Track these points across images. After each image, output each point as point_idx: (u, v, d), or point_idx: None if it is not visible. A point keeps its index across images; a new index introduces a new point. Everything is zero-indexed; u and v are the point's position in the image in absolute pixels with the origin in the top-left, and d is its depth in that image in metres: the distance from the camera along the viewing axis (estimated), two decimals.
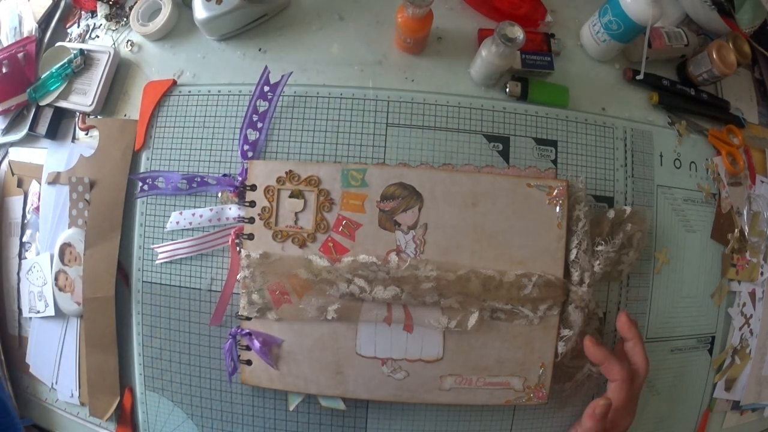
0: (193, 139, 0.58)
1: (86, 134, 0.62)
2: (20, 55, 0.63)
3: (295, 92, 0.57)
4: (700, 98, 0.63)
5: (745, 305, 0.64)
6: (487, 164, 0.56)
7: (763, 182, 0.66)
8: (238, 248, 0.54)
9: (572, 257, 0.53)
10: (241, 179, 0.55)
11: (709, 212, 0.62)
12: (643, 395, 0.54)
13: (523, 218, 0.53)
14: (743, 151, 0.64)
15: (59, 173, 0.62)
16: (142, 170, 0.58)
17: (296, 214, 0.53)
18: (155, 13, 0.61)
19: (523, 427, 0.57)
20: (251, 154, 0.56)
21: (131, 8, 0.62)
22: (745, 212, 0.64)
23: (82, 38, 0.65)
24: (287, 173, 0.53)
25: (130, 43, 0.62)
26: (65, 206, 0.61)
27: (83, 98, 0.60)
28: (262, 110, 0.56)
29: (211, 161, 0.57)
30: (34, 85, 0.62)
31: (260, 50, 0.59)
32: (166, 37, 0.61)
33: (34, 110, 0.63)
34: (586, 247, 0.53)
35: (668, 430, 0.62)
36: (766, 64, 0.70)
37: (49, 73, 0.62)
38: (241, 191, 0.55)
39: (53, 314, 0.62)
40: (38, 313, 0.63)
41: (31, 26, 0.67)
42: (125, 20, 0.63)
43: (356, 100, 0.57)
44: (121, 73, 0.62)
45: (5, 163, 0.68)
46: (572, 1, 0.63)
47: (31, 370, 0.65)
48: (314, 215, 0.53)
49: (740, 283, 0.63)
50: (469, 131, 0.57)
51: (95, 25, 0.65)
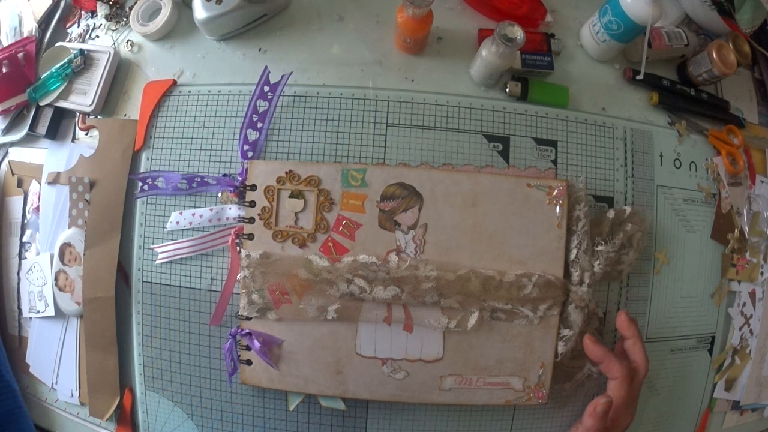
0: (193, 139, 0.58)
1: (86, 134, 0.62)
2: (20, 55, 0.63)
3: (295, 92, 0.57)
4: (700, 98, 0.63)
5: (745, 305, 0.64)
6: (487, 164, 0.56)
7: (763, 182, 0.66)
8: (238, 248, 0.54)
9: (572, 257, 0.53)
10: (241, 179, 0.55)
11: (709, 212, 0.62)
12: (643, 395, 0.54)
13: (523, 218, 0.53)
14: (743, 151, 0.64)
15: (59, 173, 0.62)
16: (142, 170, 0.58)
17: (296, 214, 0.53)
18: (155, 13, 0.61)
19: (523, 427, 0.57)
20: (251, 154, 0.56)
21: (131, 8, 0.62)
22: (745, 212, 0.64)
23: (82, 38, 0.65)
24: (287, 173, 0.53)
25: (130, 43, 0.62)
26: (65, 206, 0.61)
27: (83, 98, 0.60)
28: (262, 110, 0.56)
29: (211, 161, 0.57)
30: (34, 85, 0.62)
31: (260, 50, 0.59)
32: (166, 37, 0.61)
33: (34, 110, 0.63)
34: (586, 247, 0.53)
35: (668, 429, 0.62)
36: (766, 64, 0.70)
37: (49, 73, 0.62)
38: (241, 191, 0.55)
39: (53, 314, 0.62)
40: (38, 313, 0.63)
41: (31, 26, 0.67)
42: (125, 20, 0.63)
43: (356, 100, 0.57)
44: (121, 73, 0.62)
45: (5, 163, 0.68)
46: (572, 1, 0.63)
47: (31, 370, 0.65)
48: (314, 215, 0.53)
49: (740, 283, 0.63)
50: (469, 131, 0.57)
51: (95, 25, 0.65)
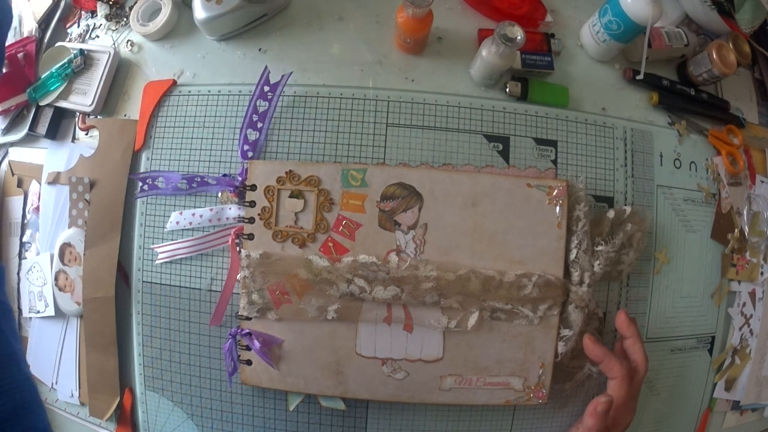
0: (193, 139, 0.58)
1: (86, 134, 0.62)
2: (20, 55, 0.63)
3: (295, 92, 0.57)
4: (700, 98, 0.63)
5: (745, 305, 0.63)
6: (487, 164, 0.56)
7: (763, 182, 0.66)
8: (238, 248, 0.54)
9: (572, 257, 0.53)
10: (241, 179, 0.55)
11: (709, 212, 0.62)
12: (643, 395, 0.54)
13: (523, 218, 0.53)
14: (743, 151, 0.64)
15: (59, 173, 0.62)
16: (142, 170, 0.58)
17: (296, 214, 0.53)
18: (155, 13, 0.61)
19: (523, 427, 0.57)
20: (251, 154, 0.56)
21: (131, 8, 0.62)
22: (745, 212, 0.64)
23: (82, 38, 0.65)
24: (287, 173, 0.53)
25: (130, 43, 0.62)
26: (65, 206, 0.61)
27: (83, 98, 0.60)
28: (262, 110, 0.56)
29: (211, 161, 0.57)
30: (34, 85, 0.62)
31: (260, 50, 0.59)
32: (166, 37, 0.61)
33: (34, 110, 0.63)
34: (586, 247, 0.53)
35: (668, 430, 0.62)
36: (766, 64, 0.70)
37: (49, 73, 0.62)
38: (241, 191, 0.55)
39: (53, 314, 0.62)
40: (38, 313, 0.63)
41: (31, 26, 0.67)
42: (125, 20, 0.63)
43: (356, 100, 0.57)
44: (121, 73, 0.62)
45: (5, 163, 0.68)
46: (572, 1, 0.63)
47: (31, 370, 0.65)
48: (314, 215, 0.53)
49: (740, 283, 0.63)
50: (469, 131, 0.57)
51: (95, 25, 0.65)
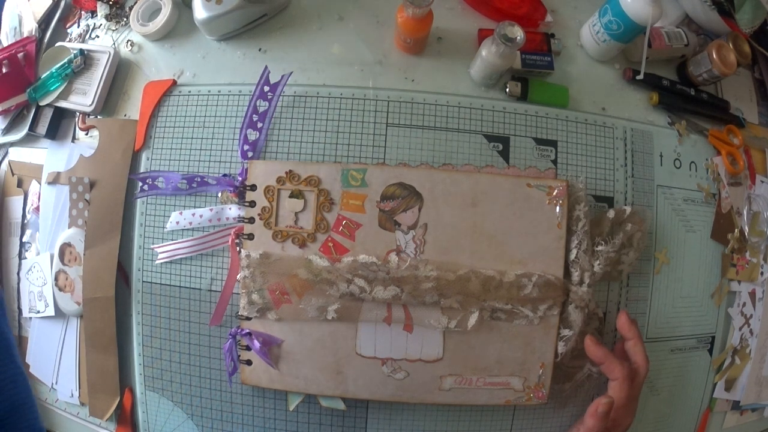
0: (193, 139, 0.58)
1: (86, 134, 0.62)
2: (20, 55, 0.63)
3: (295, 92, 0.57)
4: (700, 98, 0.63)
5: (745, 305, 0.63)
6: (487, 164, 0.56)
7: (763, 182, 0.66)
8: (238, 248, 0.54)
9: (572, 257, 0.53)
10: (241, 179, 0.55)
11: (709, 212, 0.62)
12: (643, 395, 0.54)
13: (523, 218, 0.53)
14: (743, 151, 0.64)
15: (59, 173, 0.62)
16: (142, 170, 0.58)
17: (296, 214, 0.53)
18: (155, 13, 0.61)
19: (523, 427, 0.57)
20: (251, 154, 0.56)
21: (131, 8, 0.62)
22: (745, 212, 0.64)
23: (82, 38, 0.65)
24: (287, 173, 0.53)
25: (130, 43, 0.62)
26: (65, 206, 0.61)
27: (83, 98, 0.60)
28: (262, 110, 0.56)
29: (211, 161, 0.57)
30: (34, 85, 0.62)
31: (260, 50, 0.59)
32: (166, 37, 0.61)
33: (34, 110, 0.63)
34: (586, 247, 0.53)
35: (668, 430, 0.62)
36: (766, 64, 0.70)
37: (49, 73, 0.62)
38: (241, 191, 0.55)
39: (53, 314, 0.62)
40: (38, 313, 0.63)
41: (31, 26, 0.67)
42: (125, 20, 0.63)
43: (356, 100, 0.57)
44: (121, 73, 0.62)
45: (5, 163, 0.68)
46: (572, 1, 0.63)
47: (31, 370, 0.65)
48: (314, 215, 0.53)
49: (740, 283, 0.63)
50: (469, 131, 0.57)
51: (95, 25, 0.65)
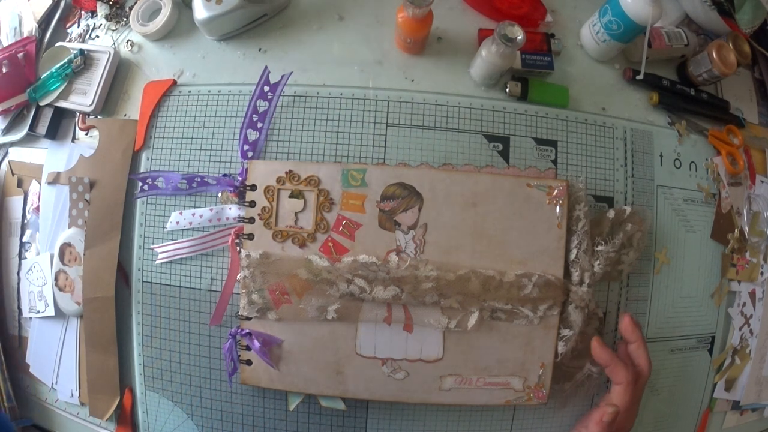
0: (193, 139, 0.58)
1: (86, 134, 0.62)
2: (20, 55, 0.63)
3: (295, 92, 0.57)
4: (700, 98, 0.63)
5: (745, 305, 0.63)
6: (487, 164, 0.56)
7: (763, 182, 0.66)
8: (238, 248, 0.54)
9: (572, 257, 0.53)
10: (241, 179, 0.55)
11: (709, 212, 0.62)
12: (643, 395, 0.54)
13: (523, 218, 0.53)
14: (743, 151, 0.64)
15: (59, 173, 0.62)
16: (142, 170, 0.58)
17: (296, 214, 0.53)
18: (155, 13, 0.61)
19: (523, 427, 0.57)
20: (251, 154, 0.56)
21: (131, 8, 0.62)
22: (745, 212, 0.64)
23: (82, 38, 0.65)
24: (287, 173, 0.53)
25: (130, 43, 0.62)
26: (65, 206, 0.61)
27: (83, 98, 0.60)
28: (262, 110, 0.56)
29: (211, 161, 0.57)
30: (34, 85, 0.62)
31: (260, 50, 0.59)
32: (166, 37, 0.61)
33: (34, 110, 0.63)
34: (586, 247, 0.53)
35: (668, 430, 0.62)
36: (766, 64, 0.70)
37: (49, 73, 0.62)
38: (241, 191, 0.55)
39: (53, 314, 0.62)
40: (38, 313, 0.63)
41: (31, 26, 0.67)
42: (125, 20, 0.63)
43: (356, 100, 0.57)
44: (121, 73, 0.62)
45: (5, 163, 0.68)
46: (572, 1, 0.63)
47: (31, 370, 0.65)
48: (314, 215, 0.53)
49: (740, 283, 0.63)
50: (469, 131, 0.57)
51: (95, 25, 0.65)
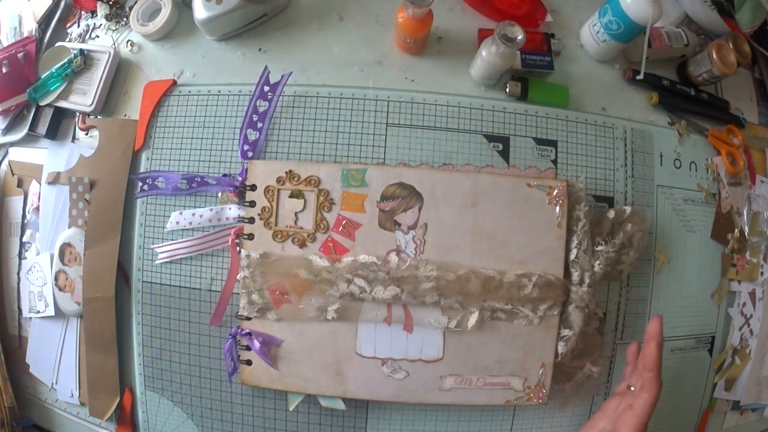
0: (193, 139, 0.58)
1: (86, 134, 0.62)
2: (20, 55, 0.63)
3: (295, 92, 0.57)
4: (700, 98, 0.63)
5: (745, 305, 0.63)
6: (487, 164, 0.56)
7: (763, 182, 0.66)
8: (238, 248, 0.54)
9: (572, 257, 0.53)
10: (241, 179, 0.55)
11: (709, 212, 0.62)
12: None
13: (523, 218, 0.53)
14: (743, 151, 0.64)
15: (59, 173, 0.62)
16: (142, 170, 0.58)
17: (296, 214, 0.53)
18: (155, 13, 0.61)
19: (523, 427, 0.57)
20: (251, 154, 0.56)
21: (131, 8, 0.62)
22: (745, 212, 0.64)
23: (82, 38, 0.65)
24: (287, 173, 0.53)
25: (130, 43, 0.62)
26: (65, 206, 0.61)
27: (83, 98, 0.60)
28: (262, 110, 0.56)
29: (211, 161, 0.57)
30: (34, 85, 0.62)
31: (260, 50, 0.59)
32: (166, 37, 0.61)
33: (34, 110, 0.63)
34: (586, 247, 0.53)
35: (668, 430, 0.62)
36: (766, 64, 0.70)
37: (49, 73, 0.62)
38: (241, 191, 0.55)
39: (53, 314, 0.62)
40: (38, 313, 0.63)
41: (31, 26, 0.67)
42: (125, 20, 0.63)
43: (356, 100, 0.57)
44: (121, 73, 0.62)
45: (5, 163, 0.68)
46: (572, 1, 0.63)
47: (31, 370, 0.65)
48: (314, 215, 0.53)
49: (740, 283, 0.63)
50: (469, 131, 0.57)
51: (95, 25, 0.65)
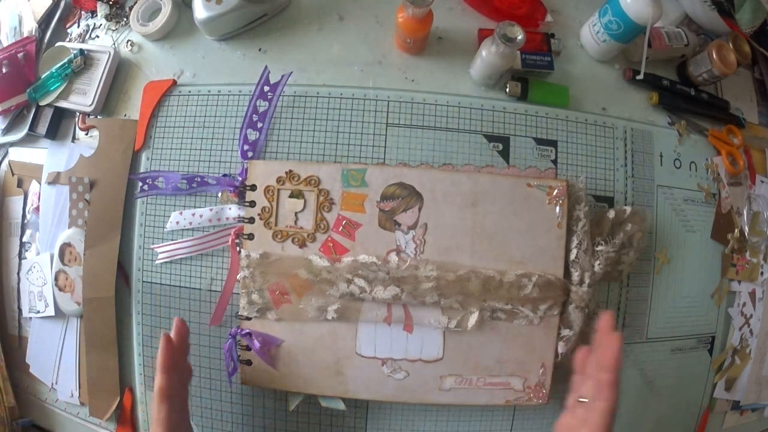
0: (193, 139, 0.58)
1: (86, 134, 0.62)
2: (20, 55, 0.63)
3: (295, 92, 0.57)
4: (700, 98, 0.63)
5: (745, 305, 0.63)
6: (487, 164, 0.56)
7: (763, 182, 0.66)
8: (238, 248, 0.54)
9: (572, 257, 0.53)
10: (241, 179, 0.55)
11: (709, 212, 0.62)
12: (643, 395, 0.54)
13: (523, 218, 0.53)
14: (743, 151, 0.64)
15: (59, 173, 0.62)
16: (142, 170, 0.58)
17: (296, 214, 0.53)
18: (155, 13, 0.61)
19: (523, 427, 0.57)
20: (251, 154, 0.56)
21: (131, 8, 0.62)
22: (745, 212, 0.64)
23: (82, 38, 0.65)
24: (287, 173, 0.53)
25: (130, 43, 0.62)
26: (65, 206, 0.61)
27: (83, 98, 0.60)
28: (262, 110, 0.56)
29: (211, 161, 0.57)
30: (34, 85, 0.62)
31: (260, 50, 0.59)
32: (166, 37, 0.61)
33: (34, 110, 0.63)
34: (586, 247, 0.53)
35: (668, 430, 0.62)
36: (766, 64, 0.70)
37: (49, 73, 0.62)
38: (241, 191, 0.55)
39: (53, 314, 0.62)
40: (38, 313, 0.63)
41: (31, 26, 0.67)
42: (125, 20, 0.63)
43: (356, 100, 0.57)
44: (121, 73, 0.62)
45: (5, 163, 0.68)
46: (572, 1, 0.63)
47: (31, 370, 0.65)
48: (314, 215, 0.53)
49: (740, 283, 0.63)
50: (469, 131, 0.57)
51: (95, 25, 0.65)
